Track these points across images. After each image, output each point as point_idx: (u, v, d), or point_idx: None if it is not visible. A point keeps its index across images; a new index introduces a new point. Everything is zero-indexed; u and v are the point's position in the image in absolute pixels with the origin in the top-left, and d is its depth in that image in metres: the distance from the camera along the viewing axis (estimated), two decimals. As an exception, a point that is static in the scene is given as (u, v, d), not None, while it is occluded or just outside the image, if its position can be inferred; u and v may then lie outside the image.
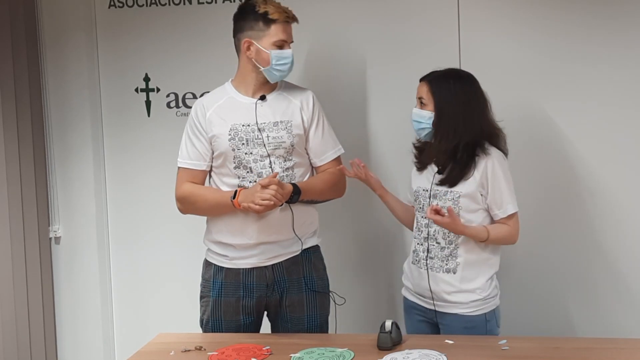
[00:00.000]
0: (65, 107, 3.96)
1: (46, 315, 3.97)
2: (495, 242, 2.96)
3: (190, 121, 3.06)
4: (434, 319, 3.00)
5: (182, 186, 3.05)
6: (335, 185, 3.13)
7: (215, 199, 3.00)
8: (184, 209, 3.09)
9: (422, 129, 2.99)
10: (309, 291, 3.07)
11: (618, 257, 3.50)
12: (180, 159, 3.06)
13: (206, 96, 3.14)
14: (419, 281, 3.01)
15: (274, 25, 2.95)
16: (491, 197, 2.93)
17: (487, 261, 2.97)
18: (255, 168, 2.98)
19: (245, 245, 3.00)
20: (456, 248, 2.94)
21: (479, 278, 2.94)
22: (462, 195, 2.92)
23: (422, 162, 3.06)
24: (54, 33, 3.92)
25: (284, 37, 2.97)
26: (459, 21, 3.53)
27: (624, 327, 3.48)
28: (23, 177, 3.83)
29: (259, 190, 2.85)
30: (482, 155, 2.92)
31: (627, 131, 3.44)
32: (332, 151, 3.13)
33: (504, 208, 2.94)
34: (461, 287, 2.93)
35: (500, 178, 2.92)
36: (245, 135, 2.98)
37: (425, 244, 2.99)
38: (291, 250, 3.05)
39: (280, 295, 3.06)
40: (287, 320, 3.08)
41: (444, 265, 2.95)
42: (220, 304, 3.05)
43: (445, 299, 2.95)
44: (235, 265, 3.04)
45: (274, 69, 2.98)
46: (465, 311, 2.93)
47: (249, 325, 3.07)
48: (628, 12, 3.39)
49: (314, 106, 3.09)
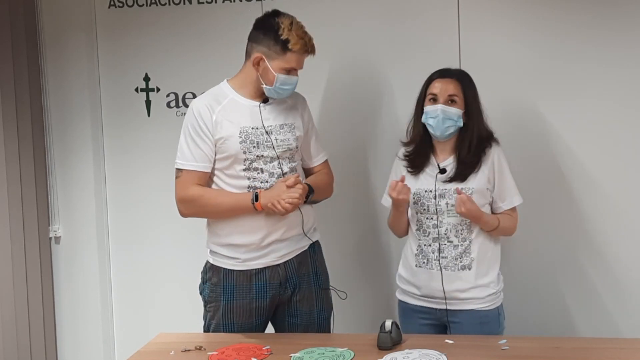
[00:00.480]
0: (65, 107, 3.96)
1: (46, 315, 3.97)
2: (501, 233, 3.00)
3: (193, 122, 2.98)
4: (443, 319, 2.99)
5: (188, 189, 2.97)
6: (330, 185, 3.20)
7: (230, 203, 2.96)
8: (188, 212, 3.03)
9: (448, 127, 2.93)
10: (317, 285, 3.10)
11: (617, 255, 3.49)
12: (183, 160, 2.99)
13: (204, 97, 3.05)
14: (428, 282, 2.98)
15: (290, 53, 2.92)
16: (497, 189, 2.97)
17: (495, 254, 3.01)
18: (266, 169, 2.98)
19: (257, 245, 2.99)
20: (470, 244, 2.95)
21: (490, 272, 2.98)
22: (474, 192, 2.92)
23: (417, 165, 3.02)
24: (54, 33, 3.93)
25: (297, 66, 2.96)
26: (459, 21, 3.53)
27: (622, 326, 3.48)
28: (23, 177, 3.83)
29: (285, 190, 2.86)
30: (488, 148, 2.97)
31: (627, 130, 3.43)
32: (323, 153, 3.20)
33: (509, 200, 2.99)
34: (477, 282, 2.94)
35: (505, 170, 2.98)
36: (256, 138, 2.97)
37: (435, 245, 2.97)
38: (301, 246, 3.07)
39: (292, 291, 3.06)
40: (296, 315, 3.07)
41: (458, 263, 2.94)
42: (233, 307, 3.02)
43: (459, 296, 2.94)
44: (247, 266, 3.01)
45: (275, 90, 2.97)
46: (481, 306, 2.95)
47: (259, 327, 3.07)
48: (627, 12, 3.39)
49: (308, 109, 3.16)
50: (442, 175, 2.96)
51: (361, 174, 3.68)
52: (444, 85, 2.94)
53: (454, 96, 2.92)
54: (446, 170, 2.96)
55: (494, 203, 2.99)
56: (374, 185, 3.65)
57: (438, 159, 3.01)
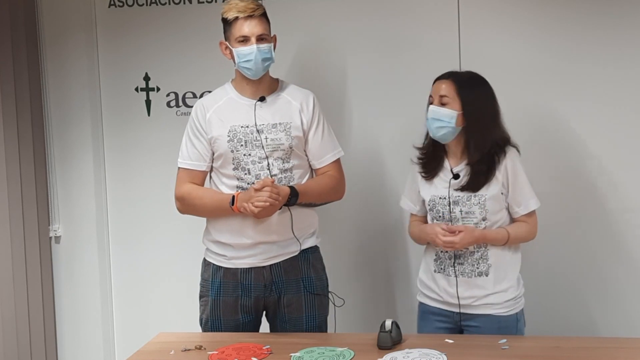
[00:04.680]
0: (65, 107, 3.96)
1: (46, 315, 3.97)
2: (516, 242, 2.94)
3: (191, 122, 3.07)
4: (460, 323, 2.94)
5: (181, 186, 3.06)
6: (334, 188, 3.11)
7: (213, 203, 3.00)
8: (183, 209, 3.10)
9: (441, 128, 2.87)
10: (307, 292, 3.07)
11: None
12: (181, 159, 3.07)
13: (207, 96, 3.15)
14: (446, 287, 2.94)
15: (233, 24, 2.98)
16: (512, 195, 2.90)
17: (514, 259, 2.95)
18: (253, 170, 2.97)
19: (244, 245, 3.00)
20: (487, 250, 2.90)
21: (509, 277, 2.92)
22: (487, 199, 2.87)
23: (430, 170, 2.97)
24: (54, 33, 3.92)
25: (246, 32, 2.96)
26: (459, 21, 3.53)
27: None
28: (23, 176, 3.83)
29: (254, 194, 2.86)
30: (502, 155, 2.89)
31: (633, 128, 3.43)
32: (331, 154, 3.10)
33: (525, 204, 2.91)
34: (495, 288, 2.89)
35: (520, 175, 2.91)
36: (244, 136, 2.98)
37: (451, 251, 2.91)
38: (289, 251, 3.05)
39: (278, 296, 3.05)
40: (285, 320, 3.08)
41: (475, 270, 2.90)
42: (219, 303, 3.05)
43: (476, 303, 2.89)
44: (234, 265, 3.03)
45: (241, 66, 2.99)
46: (499, 312, 2.89)
47: (248, 324, 3.07)
48: (630, 11, 3.39)
49: (314, 108, 3.08)
50: (455, 182, 2.91)
51: (365, 176, 3.66)
52: (438, 86, 2.91)
53: (445, 97, 2.87)
54: (459, 175, 2.91)
55: (510, 208, 2.93)
56: (378, 187, 3.65)
57: (451, 164, 2.95)
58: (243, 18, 2.96)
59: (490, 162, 2.88)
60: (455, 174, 2.91)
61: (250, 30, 2.96)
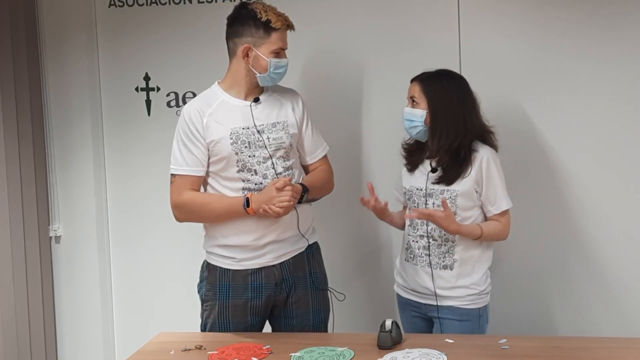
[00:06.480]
0: (65, 107, 3.96)
1: (46, 315, 3.97)
2: (488, 239, 3.02)
3: (184, 127, 3.00)
4: (428, 314, 3.04)
5: (181, 194, 2.99)
6: (328, 182, 3.18)
7: (223, 207, 2.96)
8: (183, 217, 3.04)
9: (413, 127, 3.02)
10: (314, 287, 3.09)
11: (606, 257, 3.49)
12: (176, 166, 3.00)
13: (195, 101, 3.07)
14: (413, 277, 3.06)
15: (274, 33, 2.95)
16: (485, 193, 2.98)
17: (482, 257, 3.03)
18: (259, 170, 2.97)
19: (254, 245, 2.99)
20: (453, 245, 2.99)
21: (474, 274, 3.01)
22: (459, 194, 2.96)
23: (412, 162, 3.11)
24: (54, 33, 3.92)
25: (283, 45, 2.99)
26: (459, 21, 3.53)
27: (606, 327, 3.48)
28: (23, 176, 3.83)
29: (275, 194, 2.86)
30: (477, 153, 2.97)
31: (627, 129, 3.43)
32: (321, 148, 3.17)
33: (497, 204, 3.00)
34: (457, 283, 2.99)
35: (494, 175, 2.98)
36: (247, 138, 2.97)
37: (422, 241, 3.03)
38: (297, 247, 3.07)
39: (288, 293, 3.06)
40: (292, 316, 3.08)
41: (440, 262, 3.00)
42: (228, 306, 3.03)
43: (441, 294, 2.98)
44: (243, 266, 3.01)
45: (271, 76, 2.98)
46: (460, 303, 2.99)
47: (255, 326, 3.07)
48: (629, 11, 3.39)
49: (302, 105, 3.13)
50: (432, 175, 3.01)
51: (359, 173, 3.67)
52: (410, 87, 3.06)
53: (413, 97, 3.02)
54: (437, 169, 3.01)
55: (484, 206, 3.01)
56: (378, 187, 3.64)
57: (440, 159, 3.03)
58: (285, 30, 2.97)
59: (465, 158, 2.96)
60: (434, 168, 3.01)
61: (285, 43, 3.00)
